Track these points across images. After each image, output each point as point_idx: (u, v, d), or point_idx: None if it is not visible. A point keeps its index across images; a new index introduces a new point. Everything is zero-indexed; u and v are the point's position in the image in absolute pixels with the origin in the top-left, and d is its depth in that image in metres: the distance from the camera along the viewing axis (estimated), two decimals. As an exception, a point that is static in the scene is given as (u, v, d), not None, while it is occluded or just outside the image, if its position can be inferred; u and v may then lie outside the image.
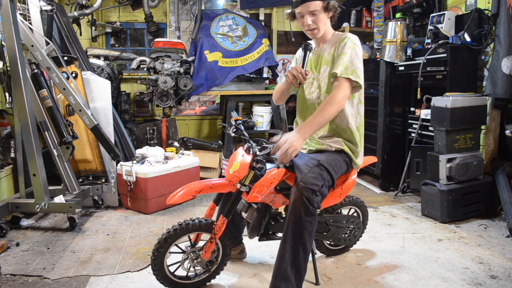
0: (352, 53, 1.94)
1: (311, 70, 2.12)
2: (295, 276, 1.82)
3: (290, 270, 1.80)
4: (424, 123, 3.47)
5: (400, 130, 3.89)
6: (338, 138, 2.08)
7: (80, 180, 3.40)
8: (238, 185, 1.94)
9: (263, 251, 2.55)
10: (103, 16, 4.99)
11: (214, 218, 2.14)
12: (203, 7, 5.00)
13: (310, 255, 2.16)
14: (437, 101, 3.15)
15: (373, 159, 2.43)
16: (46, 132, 3.04)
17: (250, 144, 1.99)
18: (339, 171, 2.01)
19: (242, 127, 2.12)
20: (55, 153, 3.08)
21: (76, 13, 4.37)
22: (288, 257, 1.80)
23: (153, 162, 3.39)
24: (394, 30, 3.70)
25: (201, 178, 3.86)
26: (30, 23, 3.11)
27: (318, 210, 1.85)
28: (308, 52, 1.95)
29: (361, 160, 2.16)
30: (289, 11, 2.06)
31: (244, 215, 2.06)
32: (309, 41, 2.08)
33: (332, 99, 1.86)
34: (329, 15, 2.02)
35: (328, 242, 2.46)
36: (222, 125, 2.52)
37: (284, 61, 5.42)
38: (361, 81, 1.95)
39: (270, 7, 5.22)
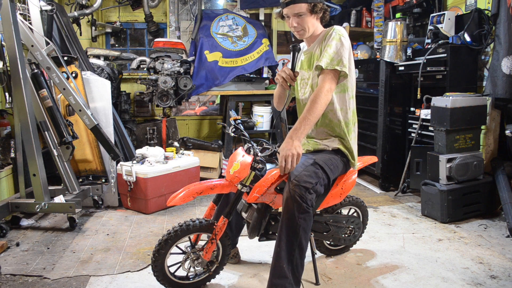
0: (338, 43, 1.92)
1: (305, 70, 2.11)
2: (292, 273, 1.82)
3: (286, 267, 1.80)
4: (424, 123, 3.47)
5: (400, 130, 3.89)
6: (335, 138, 2.08)
7: (80, 180, 3.40)
8: (239, 186, 1.94)
9: (263, 251, 2.55)
10: (103, 16, 4.99)
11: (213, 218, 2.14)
12: (203, 7, 5.00)
13: (310, 255, 2.18)
14: (437, 101, 3.15)
15: (373, 159, 2.43)
16: (46, 132, 3.04)
17: (250, 145, 1.99)
18: (335, 170, 2.01)
19: (242, 127, 2.12)
20: (55, 153, 3.08)
21: (76, 13, 4.36)
22: (284, 254, 1.81)
23: (153, 162, 3.39)
24: (394, 30, 3.70)
25: (201, 178, 3.86)
26: (30, 23, 3.10)
27: (313, 207, 1.84)
28: (296, 53, 1.94)
29: (356, 158, 2.13)
30: (277, 10, 2.07)
31: (244, 215, 2.06)
32: (298, 43, 2.05)
33: (317, 95, 1.86)
34: (317, 16, 2.02)
35: (328, 242, 2.46)
36: (220, 124, 2.51)
37: (284, 61, 5.42)
38: (347, 69, 1.94)
39: (270, 7, 5.22)
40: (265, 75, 4.81)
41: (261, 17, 5.27)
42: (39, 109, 3.00)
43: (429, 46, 3.45)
